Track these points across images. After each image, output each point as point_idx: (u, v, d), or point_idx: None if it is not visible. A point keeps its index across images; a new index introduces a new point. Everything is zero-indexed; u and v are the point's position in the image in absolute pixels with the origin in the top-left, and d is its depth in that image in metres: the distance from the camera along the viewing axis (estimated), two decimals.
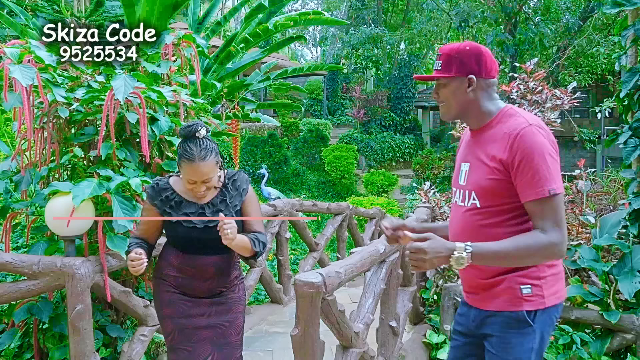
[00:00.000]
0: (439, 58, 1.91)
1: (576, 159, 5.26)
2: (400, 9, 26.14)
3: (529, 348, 1.85)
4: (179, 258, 2.40)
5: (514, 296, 1.84)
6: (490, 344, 1.92)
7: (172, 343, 2.43)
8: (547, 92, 4.53)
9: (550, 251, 1.72)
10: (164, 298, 2.44)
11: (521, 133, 1.75)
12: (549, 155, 1.73)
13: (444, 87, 1.91)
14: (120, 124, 3.20)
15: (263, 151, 14.08)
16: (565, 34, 15.95)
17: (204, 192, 2.34)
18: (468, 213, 1.91)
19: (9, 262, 2.76)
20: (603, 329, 3.51)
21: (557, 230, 1.71)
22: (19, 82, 2.67)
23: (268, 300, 5.40)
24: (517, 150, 1.75)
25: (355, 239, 7.33)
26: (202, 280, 2.40)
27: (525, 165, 1.73)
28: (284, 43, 8.87)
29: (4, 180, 3.15)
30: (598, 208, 6.13)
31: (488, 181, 1.83)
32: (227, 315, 2.47)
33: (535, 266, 1.83)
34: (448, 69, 1.88)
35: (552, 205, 1.72)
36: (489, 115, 1.90)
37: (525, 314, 1.83)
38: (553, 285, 1.86)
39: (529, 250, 1.72)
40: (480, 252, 1.72)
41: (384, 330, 3.49)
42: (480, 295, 1.95)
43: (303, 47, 37.45)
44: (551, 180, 1.71)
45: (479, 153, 1.89)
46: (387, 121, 19.90)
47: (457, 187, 1.99)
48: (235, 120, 6.99)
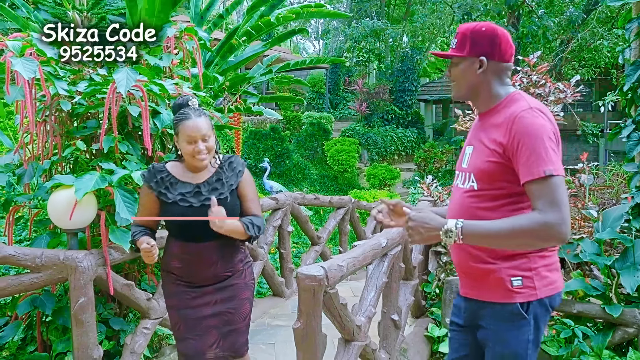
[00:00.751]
0: (455, 36, 1.91)
1: (579, 152, 5.25)
2: (403, 2, 26.05)
3: (525, 339, 1.84)
4: (181, 247, 2.41)
5: (505, 288, 1.82)
6: (486, 337, 1.92)
7: (178, 333, 2.46)
8: (550, 85, 4.52)
9: (546, 232, 1.61)
10: (169, 290, 2.47)
11: (520, 115, 1.73)
12: (547, 137, 1.69)
13: (455, 66, 1.91)
14: (123, 117, 3.20)
15: (265, 144, 14.08)
16: (569, 27, 15.88)
17: (205, 156, 2.35)
18: (466, 195, 1.90)
19: (12, 255, 2.77)
20: (605, 323, 3.51)
21: (555, 211, 1.62)
22: (21, 75, 2.67)
23: (270, 293, 5.42)
24: (515, 132, 1.72)
25: (357, 233, 7.33)
26: (206, 267, 2.41)
27: (523, 146, 1.70)
28: (286, 36, 8.83)
29: (6, 173, 3.15)
30: (601, 202, 6.12)
31: (487, 164, 1.81)
32: (232, 302, 2.48)
33: (527, 257, 1.81)
34: (461, 48, 1.87)
35: (549, 185, 1.64)
36: (497, 99, 1.88)
37: (518, 306, 1.81)
38: (546, 276, 1.83)
39: (522, 230, 1.64)
40: (471, 230, 1.69)
41: (385, 323, 3.50)
42: (471, 282, 1.94)
43: (305, 40, 37.36)
44: (548, 162, 1.66)
45: (482, 136, 1.88)
46: (390, 114, 19.87)
47: (460, 169, 1.99)
48: (238, 113, 6.98)
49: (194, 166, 2.41)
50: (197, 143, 2.32)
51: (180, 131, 2.34)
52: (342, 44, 22.84)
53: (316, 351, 2.48)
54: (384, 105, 19.71)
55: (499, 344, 1.87)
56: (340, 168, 14.85)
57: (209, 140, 2.36)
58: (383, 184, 14.59)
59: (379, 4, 23.86)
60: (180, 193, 2.37)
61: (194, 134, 2.31)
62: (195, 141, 2.32)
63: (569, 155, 20.12)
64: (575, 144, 20.13)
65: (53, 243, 3.16)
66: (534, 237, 1.65)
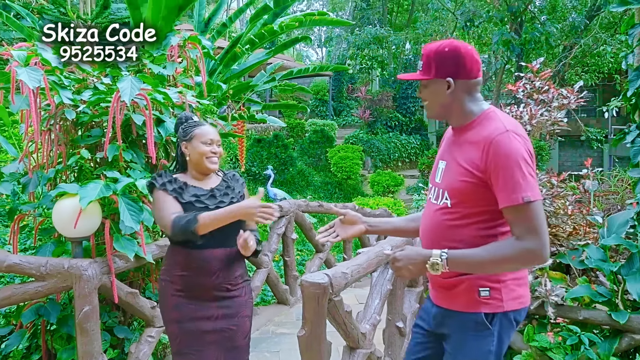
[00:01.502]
0: (421, 58, 1.90)
1: (583, 158, 5.24)
2: (406, 9, 26.11)
3: (487, 350, 1.85)
4: (184, 254, 2.40)
5: (472, 298, 1.84)
6: (448, 344, 1.94)
7: (178, 347, 2.42)
8: (554, 91, 4.51)
9: (526, 257, 1.70)
10: (170, 302, 2.43)
11: (497, 139, 1.73)
12: (524, 162, 1.70)
13: (425, 88, 1.91)
14: (127, 125, 3.22)
15: (269, 152, 14.09)
16: (572, 33, 15.90)
17: (217, 160, 2.48)
18: (439, 212, 1.90)
19: (17, 264, 2.78)
20: (611, 330, 3.49)
21: (534, 238, 1.68)
22: (26, 84, 2.68)
23: (274, 301, 5.41)
24: (492, 156, 1.73)
25: (362, 240, 7.32)
26: (208, 276, 2.40)
27: (500, 172, 1.71)
28: (289, 44, 8.87)
29: (11, 182, 3.16)
30: (605, 208, 6.10)
31: (460, 183, 1.81)
32: (234, 319, 2.46)
33: None
34: (428, 71, 1.87)
35: (527, 212, 1.68)
36: (471, 116, 1.88)
37: (483, 316, 1.83)
38: (514, 289, 1.85)
39: (504, 257, 1.71)
40: (455, 259, 1.76)
41: (390, 331, 3.48)
42: (442, 293, 1.95)
43: (308, 48, 37.46)
44: (526, 188, 1.68)
45: (456, 154, 1.88)
46: (393, 121, 19.88)
47: (433, 184, 1.99)
48: (241, 121, 7.00)
49: (204, 169, 2.46)
50: (212, 145, 2.46)
51: (197, 135, 2.46)
52: (345, 52, 22.87)
53: (321, 359, 2.47)
54: (387, 112, 19.72)
55: (460, 352, 1.89)
56: (343, 175, 14.85)
57: (220, 147, 2.52)
58: (387, 191, 14.58)
59: (382, 11, 23.93)
60: (194, 195, 2.41)
61: (211, 136, 2.47)
62: (212, 142, 2.46)
63: (573, 161, 20.08)
64: (579, 150, 20.10)
65: (58, 251, 3.17)
66: (516, 262, 1.74)
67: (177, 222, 2.26)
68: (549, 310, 3.40)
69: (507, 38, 14.06)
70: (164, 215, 2.33)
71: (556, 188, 4.05)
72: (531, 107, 4.44)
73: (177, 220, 2.27)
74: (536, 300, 3.47)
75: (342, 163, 14.85)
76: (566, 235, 4.03)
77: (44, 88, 2.82)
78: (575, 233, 4.02)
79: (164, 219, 2.32)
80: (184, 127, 2.51)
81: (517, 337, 3.55)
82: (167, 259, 2.50)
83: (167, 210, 2.34)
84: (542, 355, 3.38)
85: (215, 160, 2.48)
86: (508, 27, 15.02)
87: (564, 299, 3.48)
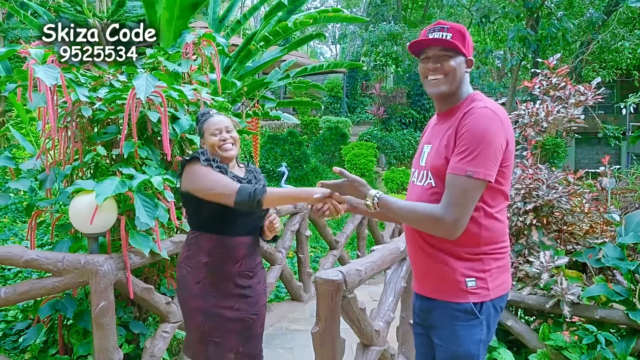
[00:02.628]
0: (445, 30, 1.86)
1: (600, 155, 5.17)
2: (420, 5, 25.97)
3: (478, 339, 1.87)
4: (212, 240, 2.42)
5: (459, 289, 1.85)
6: (438, 336, 1.95)
7: (201, 335, 2.43)
8: (571, 88, 4.46)
9: (433, 224, 1.78)
10: (193, 290, 2.44)
11: (473, 112, 1.78)
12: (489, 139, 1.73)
13: (450, 59, 1.87)
14: (142, 122, 3.24)
15: (283, 149, 14.11)
16: (589, 29, 15.69)
17: (231, 146, 2.48)
18: (425, 192, 1.93)
19: (34, 259, 2.81)
20: (628, 329, 3.44)
21: (451, 210, 1.74)
22: (43, 82, 2.71)
23: (288, 297, 5.42)
24: (463, 126, 1.77)
25: (376, 237, 7.30)
26: (233, 263, 2.43)
27: (462, 139, 1.75)
28: (303, 41, 8.86)
29: (29, 179, 3.20)
30: (623, 205, 6.02)
31: (442, 160, 1.84)
32: (254, 308, 2.52)
33: (481, 260, 1.85)
34: (462, 43, 1.87)
35: (460, 185, 1.73)
36: (459, 98, 1.92)
37: (472, 305, 1.85)
38: (498, 277, 1.88)
39: (417, 215, 1.83)
40: (384, 202, 1.93)
41: (404, 328, 3.47)
42: (428, 281, 1.96)
43: (322, 44, 37.43)
44: (476, 163, 1.71)
45: (441, 135, 1.91)
46: (407, 118, 19.78)
47: (417, 167, 2.03)
48: (255, 118, 7.02)
49: (222, 158, 2.47)
50: (221, 133, 2.47)
51: (206, 128, 2.49)
52: (359, 48, 22.82)
53: (334, 356, 2.47)
54: (401, 109, 19.63)
55: (452, 343, 1.90)
56: (357, 172, 14.80)
57: (232, 132, 2.50)
58: (401, 188, 14.52)
59: (396, 7, 23.82)
60: (235, 176, 2.44)
61: (217, 125, 2.47)
62: (220, 131, 2.47)
63: (590, 158, 19.86)
64: (596, 147, 19.87)
65: (74, 247, 3.20)
66: (423, 224, 1.83)
67: (245, 189, 2.25)
68: (565, 309, 3.37)
69: (523, 34, 13.92)
70: (227, 183, 2.30)
71: (573, 186, 4.01)
72: (547, 104, 4.39)
73: (244, 187, 2.26)
74: (552, 299, 3.44)
75: (356, 160, 14.81)
76: (583, 234, 3.99)
77: (61, 86, 2.85)
78: (592, 231, 3.98)
79: (227, 185, 2.28)
80: (198, 125, 2.56)
81: (532, 335, 3.53)
82: (190, 246, 2.49)
83: (226, 179, 2.33)
84: (558, 354, 3.35)
85: (228, 147, 2.47)
86: (524, 23, 14.86)
87: (580, 297, 3.45)
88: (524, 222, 3.80)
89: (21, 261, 2.80)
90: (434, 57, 1.89)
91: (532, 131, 4.39)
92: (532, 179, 3.93)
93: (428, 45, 1.90)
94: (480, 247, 1.84)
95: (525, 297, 3.57)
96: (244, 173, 2.58)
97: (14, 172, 3.22)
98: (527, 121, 4.42)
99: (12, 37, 9.17)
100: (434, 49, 1.89)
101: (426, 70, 1.92)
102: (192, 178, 2.36)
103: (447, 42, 1.85)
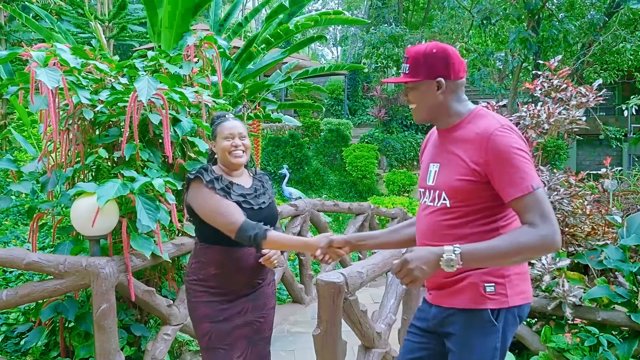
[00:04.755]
0: (406, 61, 1.90)
1: (602, 157, 5.17)
2: (421, 7, 25.99)
3: (493, 347, 1.84)
4: (221, 252, 2.40)
5: (477, 294, 1.83)
6: (453, 343, 1.92)
7: (208, 344, 2.42)
8: (572, 89, 4.46)
9: (543, 245, 1.67)
10: (201, 299, 2.43)
11: (494, 134, 1.76)
12: (524, 152, 1.75)
13: (413, 90, 1.90)
14: (144, 125, 3.24)
15: (284, 151, 14.11)
16: (590, 30, 15.67)
17: (242, 153, 2.46)
18: (437, 213, 1.90)
19: (35, 262, 2.81)
20: (630, 331, 3.44)
21: (547, 223, 1.68)
22: (45, 84, 2.72)
23: (290, 300, 5.42)
24: (492, 151, 1.75)
25: None
26: (242, 273, 2.43)
27: (504, 165, 1.74)
28: (305, 43, 8.85)
29: (30, 181, 3.21)
30: (625, 207, 6.00)
31: (459, 182, 1.82)
32: (262, 311, 2.52)
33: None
34: (416, 73, 1.87)
35: (537, 199, 1.70)
36: (458, 116, 1.90)
37: (489, 312, 1.82)
38: (518, 285, 1.86)
39: (521, 246, 1.67)
40: (470, 252, 1.69)
41: (406, 330, 3.47)
42: (443, 292, 1.93)
43: (323, 47, 37.46)
44: (532, 177, 1.72)
45: (448, 153, 1.89)
46: (409, 120, 19.75)
47: (425, 187, 1.98)
48: (257, 120, 7.01)
49: (230, 164, 2.46)
50: (234, 139, 2.44)
51: (219, 131, 2.46)
52: (360, 50, 22.81)
53: (336, 358, 2.47)
54: (402, 111, 19.60)
55: (466, 350, 1.87)
56: (359, 174, 14.80)
57: (245, 139, 2.48)
58: (402, 190, 14.51)
59: (397, 10, 23.83)
60: (240, 194, 2.42)
61: (231, 130, 2.44)
62: (233, 137, 2.44)
63: (592, 160, 19.84)
64: (597, 149, 19.84)
65: (76, 250, 3.21)
66: (533, 251, 1.70)
67: (245, 229, 2.25)
68: (567, 311, 3.36)
69: (524, 36, 13.90)
70: (227, 217, 2.29)
71: (574, 187, 4.00)
72: (549, 106, 4.39)
73: (245, 226, 2.25)
74: (554, 301, 3.43)
75: (358, 162, 14.80)
76: (584, 236, 3.98)
77: (63, 88, 2.86)
78: (593, 233, 3.97)
79: (228, 221, 2.28)
80: (212, 126, 2.54)
81: (534, 337, 3.52)
82: (198, 257, 2.47)
83: (229, 210, 2.31)
84: (560, 356, 3.34)
85: (239, 154, 2.45)
86: (525, 24, 14.86)
87: (582, 299, 3.44)
88: None
89: (23, 264, 2.81)
90: (404, 90, 1.95)
91: (534, 133, 4.38)
92: None
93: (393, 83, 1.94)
94: None
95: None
96: (251, 182, 2.54)
97: (16, 174, 3.23)
98: (528, 123, 4.42)
99: (14, 39, 9.19)
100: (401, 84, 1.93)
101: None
102: (194, 199, 2.38)
103: (399, 80, 1.89)
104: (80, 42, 9.36)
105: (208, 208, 2.33)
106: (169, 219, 2.99)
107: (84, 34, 10.68)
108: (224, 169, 2.48)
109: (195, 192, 2.37)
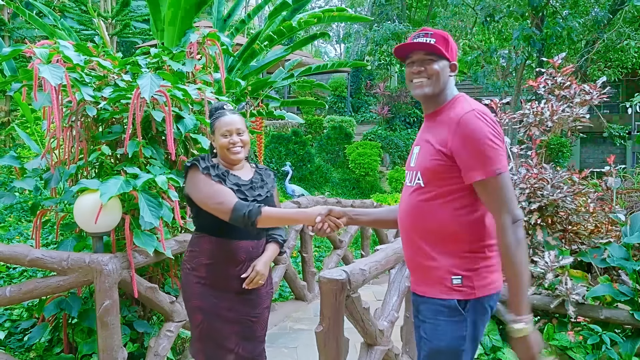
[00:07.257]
0: (430, 36, 1.94)
1: (605, 155, 5.15)
2: (425, 5, 25.92)
3: (461, 335, 1.91)
4: (212, 243, 2.43)
5: (445, 286, 1.90)
6: (424, 330, 2.00)
7: (200, 333, 2.46)
8: (576, 87, 4.44)
9: (513, 234, 1.76)
10: (194, 290, 2.47)
11: (465, 117, 1.82)
12: (491, 136, 1.79)
13: (434, 63, 1.94)
14: (147, 122, 3.24)
15: (287, 148, 14.11)
16: (594, 28, 15.61)
17: (240, 149, 2.46)
18: (414, 193, 1.98)
19: (39, 258, 2.82)
20: (634, 329, 3.43)
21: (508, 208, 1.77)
22: (48, 81, 2.72)
23: (292, 297, 5.42)
24: (459, 133, 1.82)
25: (380, 237, 7.30)
26: (233, 266, 2.44)
27: (469, 148, 1.80)
28: (308, 40, 8.83)
29: (34, 178, 3.21)
30: (628, 205, 5.99)
31: (431, 162, 1.90)
32: (255, 310, 2.53)
33: (468, 258, 1.89)
34: (445, 48, 1.93)
35: (499, 183, 1.78)
36: (445, 100, 1.98)
37: (456, 302, 1.89)
38: (486, 277, 1.91)
39: (516, 251, 1.77)
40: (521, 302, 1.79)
41: (408, 328, 3.47)
42: (418, 278, 2.02)
43: (327, 44, 37.41)
44: (496, 161, 1.77)
45: (428, 137, 1.97)
46: (412, 118, 19.76)
47: (408, 169, 2.07)
48: (260, 117, 7.01)
49: (230, 160, 2.47)
50: (232, 135, 2.45)
51: (217, 127, 2.47)
52: (363, 48, 22.78)
53: (338, 355, 2.47)
54: (405, 109, 19.61)
55: (435, 337, 1.95)
56: (362, 172, 14.80)
57: (243, 135, 2.48)
58: None
59: (401, 7, 23.77)
60: (235, 184, 2.43)
61: (229, 127, 2.45)
62: (231, 133, 2.45)
63: (595, 158, 19.80)
64: (601, 147, 19.80)
65: (79, 246, 3.21)
66: (522, 244, 1.79)
67: (239, 208, 2.25)
68: (570, 309, 3.36)
69: (528, 33, 13.86)
70: (222, 199, 2.30)
71: (578, 185, 3.99)
72: (552, 103, 4.38)
73: (239, 206, 2.26)
74: (556, 299, 3.43)
75: (361, 159, 14.80)
76: (588, 233, 3.97)
77: (66, 85, 2.86)
78: (597, 231, 3.96)
79: (222, 202, 2.29)
80: (211, 119, 2.55)
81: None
82: (193, 246, 2.52)
83: (223, 193, 2.33)
84: (562, 354, 3.34)
85: (237, 150, 2.46)
86: (529, 22, 14.81)
87: (585, 297, 3.44)
88: (528, 221, 3.79)
89: (26, 260, 2.81)
90: (418, 60, 1.96)
91: (537, 130, 4.37)
92: (536, 179, 3.92)
93: (412, 49, 1.97)
94: (467, 245, 1.89)
95: (530, 296, 3.56)
96: (251, 175, 2.56)
97: (19, 171, 3.24)
98: (531, 120, 4.41)
99: (17, 36, 9.20)
100: (418, 53, 1.96)
101: (411, 73, 1.99)
102: (190, 186, 2.41)
103: (430, 46, 1.92)
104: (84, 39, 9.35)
105: (204, 193, 2.35)
106: (172, 215, 2.99)
107: (87, 31, 10.69)
108: (223, 163, 2.51)
109: (191, 178, 2.41)
